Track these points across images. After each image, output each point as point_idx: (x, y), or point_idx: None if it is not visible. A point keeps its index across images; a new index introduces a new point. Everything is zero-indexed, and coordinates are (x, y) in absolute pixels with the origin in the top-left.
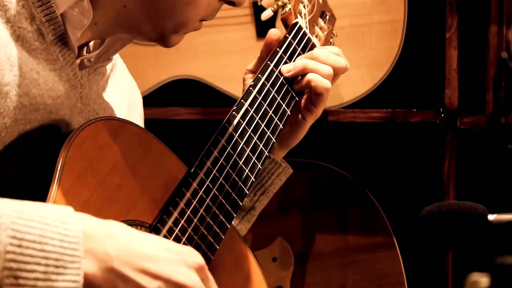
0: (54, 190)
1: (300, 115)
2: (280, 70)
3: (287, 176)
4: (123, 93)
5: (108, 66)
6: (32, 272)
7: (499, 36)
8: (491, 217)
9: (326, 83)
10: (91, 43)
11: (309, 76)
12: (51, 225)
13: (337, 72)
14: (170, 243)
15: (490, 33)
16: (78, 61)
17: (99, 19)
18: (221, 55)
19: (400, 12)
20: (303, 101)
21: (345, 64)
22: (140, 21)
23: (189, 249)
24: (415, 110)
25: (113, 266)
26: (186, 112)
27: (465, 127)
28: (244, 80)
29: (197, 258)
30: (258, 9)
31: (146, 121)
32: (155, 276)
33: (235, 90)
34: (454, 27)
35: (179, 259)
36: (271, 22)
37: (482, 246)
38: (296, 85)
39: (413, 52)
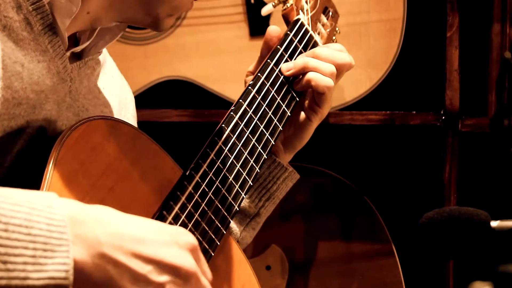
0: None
1: (305, 116)
2: (280, 69)
3: (293, 182)
4: (114, 91)
5: (99, 59)
6: (20, 256)
7: (502, 35)
8: (493, 223)
9: (327, 82)
10: (80, 35)
11: (309, 75)
12: (37, 209)
13: (341, 70)
14: (161, 225)
15: (493, 32)
16: (68, 53)
17: (92, 8)
18: (213, 55)
19: (399, 10)
20: (307, 101)
21: (349, 60)
22: (134, 8)
23: (181, 230)
24: (414, 112)
25: (103, 251)
26: (176, 114)
27: (467, 129)
28: (245, 82)
29: (189, 238)
30: (251, 7)
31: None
32: (147, 259)
33: (228, 91)
34: (456, 25)
35: (171, 240)
36: (265, 21)
37: (485, 254)
38: (296, 85)
39: (413, 52)
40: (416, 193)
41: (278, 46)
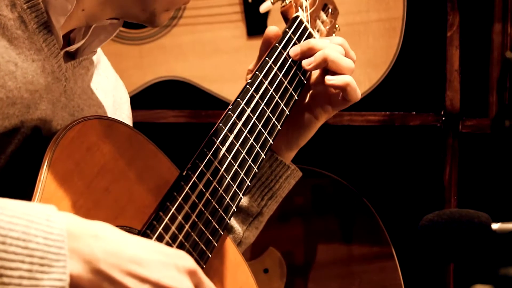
0: (38, 194)
1: (312, 115)
2: (278, 67)
3: (296, 180)
4: (108, 91)
5: (93, 59)
6: (17, 270)
7: (503, 34)
8: (495, 226)
9: (359, 93)
10: (74, 35)
11: (347, 79)
12: (35, 222)
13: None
14: (160, 246)
15: (494, 32)
16: (62, 52)
17: (87, 5)
18: (209, 55)
19: (399, 10)
20: (317, 101)
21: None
22: (130, 3)
23: (180, 253)
24: (414, 113)
25: (100, 267)
26: (173, 115)
27: (468, 130)
28: (246, 81)
29: (188, 262)
30: (248, 6)
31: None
32: (143, 280)
33: (225, 91)
34: (456, 25)
35: (169, 262)
36: (263, 20)
37: (485, 257)
38: (331, 80)
39: (413, 52)
40: (416, 195)
41: (277, 44)
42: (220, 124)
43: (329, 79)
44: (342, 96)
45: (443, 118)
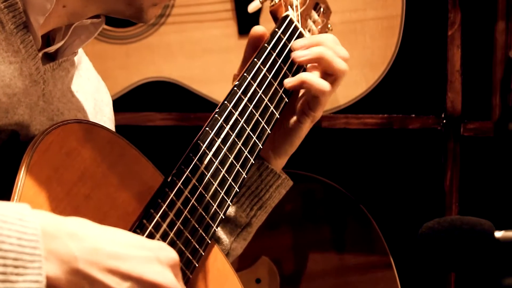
0: (15, 200)
1: (295, 119)
2: (267, 68)
3: (286, 189)
4: (89, 94)
5: (74, 60)
6: None
7: (506, 33)
8: (498, 234)
9: (323, 85)
10: (54, 35)
11: (303, 76)
12: (8, 222)
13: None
14: (140, 239)
15: (497, 30)
16: (40, 54)
17: (68, 1)
18: (199, 55)
19: (397, 7)
20: (299, 103)
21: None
22: None
23: (161, 244)
24: (414, 115)
25: (78, 267)
26: (160, 118)
27: (469, 134)
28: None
29: (171, 253)
30: (239, 4)
31: (116, 127)
32: (125, 276)
33: (215, 93)
34: (458, 23)
35: (151, 256)
36: (255, 19)
37: (488, 266)
38: (287, 84)
39: (412, 52)
40: (415, 202)
41: (266, 44)
42: (207, 128)
43: (286, 82)
44: (309, 94)
45: (444, 121)
